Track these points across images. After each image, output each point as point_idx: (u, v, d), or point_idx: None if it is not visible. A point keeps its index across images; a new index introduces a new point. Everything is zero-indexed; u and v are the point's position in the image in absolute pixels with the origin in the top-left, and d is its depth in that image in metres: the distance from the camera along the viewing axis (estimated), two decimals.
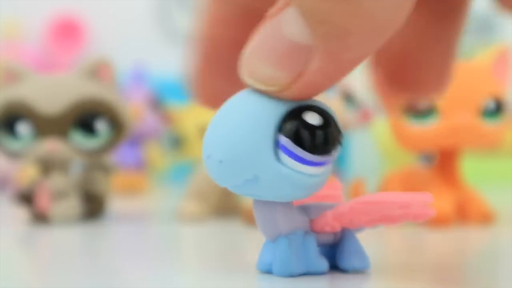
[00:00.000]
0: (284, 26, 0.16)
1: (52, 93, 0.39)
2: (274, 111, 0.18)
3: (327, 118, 0.18)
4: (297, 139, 0.18)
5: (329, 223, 0.20)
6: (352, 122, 0.48)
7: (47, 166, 0.40)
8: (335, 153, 0.19)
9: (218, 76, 0.20)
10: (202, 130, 0.54)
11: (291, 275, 0.21)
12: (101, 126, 0.39)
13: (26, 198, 0.40)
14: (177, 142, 0.66)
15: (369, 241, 0.35)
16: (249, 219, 0.37)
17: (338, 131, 0.19)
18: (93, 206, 0.42)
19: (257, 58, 0.17)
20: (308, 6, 0.15)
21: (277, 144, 0.18)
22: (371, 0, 0.15)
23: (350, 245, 0.21)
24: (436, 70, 0.19)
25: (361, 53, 0.16)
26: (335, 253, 0.22)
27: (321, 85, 0.17)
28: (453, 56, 0.19)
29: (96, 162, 0.43)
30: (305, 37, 0.16)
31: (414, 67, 0.19)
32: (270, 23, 0.16)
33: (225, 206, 0.42)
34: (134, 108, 0.61)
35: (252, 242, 0.33)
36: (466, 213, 0.37)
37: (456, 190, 0.38)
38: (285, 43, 0.16)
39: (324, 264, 0.21)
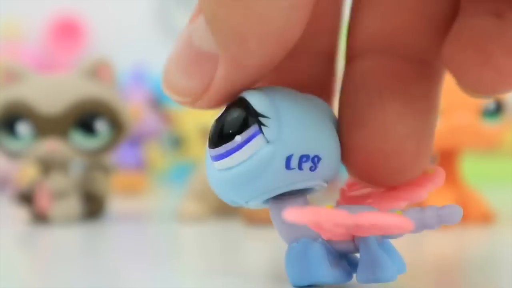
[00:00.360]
0: (193, 34, 0.16)
1: (52, 93, 0.39)
2: None
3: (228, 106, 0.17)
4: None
5: (331, 229, 0.18)
6: None
7: (47, 166, 0.40)
8: (247, 134, 0.17)
9: None
10: (202, 130, 0.54)
11: (297, 285, 0.19)
12: (101, 126, 0.39)
13: (26, 198, 0.40)
14: (177, 142, 0.66)
15: None
16: (249, 219, 0.37)
17: (243, 111, 0.16)
18: (93, 206, 0.42)
19: (172, 68, 0.16)
20: (209, 12, 0.15)
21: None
22: (263, 4, 0.14)
23: (364, 255, 0.18)
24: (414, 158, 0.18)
25: (263, 59, 0.16)
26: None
27: (229, 93, 0.16)
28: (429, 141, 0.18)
29: (96, 162, 0.43)
30: (211, 45, 0.16)
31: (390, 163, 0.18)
32: (184, 31, 0.16)
33: (225, 206, 0.42)
34: (134, 108, 0.61)
35: (252, 242, 0.33)
36: (466, 213, 0.37)
37: (456, 190, 0.38)
38: (194, 52, 0.16)
39: (334, 275, 0.19)
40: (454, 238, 0.33)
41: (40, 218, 0.39)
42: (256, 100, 0.16)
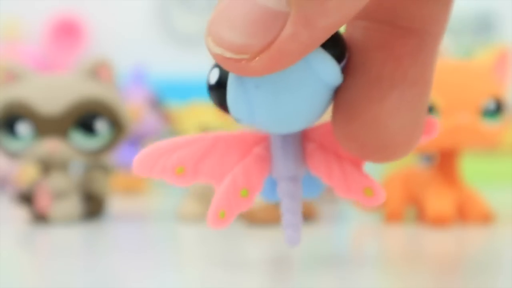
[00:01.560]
0: None
1: (52, 93, 0.39)
2: None
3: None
4: None
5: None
6: None
7: (47, 166, 0.40)
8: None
9: None
10: (202, 130, 0.54)
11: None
12: (101, 126, 0.39)
13: (26, 198, 0.40)
14: None
15: (369, 240, 0.35)
16: (249, 219, 0.37)
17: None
18: (93, 206, 0.42)
19: (226, 25, 0.16)
20: None
21: None
22: None
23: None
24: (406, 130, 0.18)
25: (337, 19, 0.15)
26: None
27: (293, 53, 0.15)
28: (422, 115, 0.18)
29: (96, 162, 0.43)
30: (279, 3, 0.15)
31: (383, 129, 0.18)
32: None
33: None
34: (134, 108, 0.61)
35: (252, 242, 0.33)
36: (466, 213, 0.37)
37: (456, 190, 0.38)
38: (257, 9, 0.15)
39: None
40: (454, 238, 0.33)
41: (40, 218, 0.39)
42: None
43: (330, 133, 0.19)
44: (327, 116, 0.19)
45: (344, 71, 0.18)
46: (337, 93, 0.18)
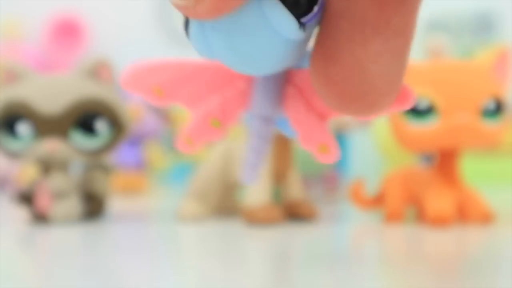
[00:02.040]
0: None
1: (52, 93, 0.39)
2: None
3: None
4: None
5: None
6: (352, 122, 0.48)
7: (47, 166, 0.40)
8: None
9: None
10: None
11: None
12: (101, 126, 0.39)
13: (26, 198, 0.40)
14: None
15: (369, 240, 0.35)
16: (249, 219, 0.37)
17: None
18: (93, 206, 0.42)
19: None
20: None
21: None
22: None
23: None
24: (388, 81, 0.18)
25: None
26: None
27: None
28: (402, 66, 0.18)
29: (96, 162, 0.43)
30: None
31: (365, 81, 0.18)
32: None
33: (225, 206, 0.42)
34: (134, 108, 0.61)
35: (252, 242, 0.33)
36: (466, 213, 0.37)
37: (456, 190, 0.38)
38: None
39: None
40: (454, 238, 0.33)
41: (40, 218, 0.39)
42: None
43: (309, 80, 0.19)
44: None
45: (325, 17, 0.18)
46: (319, 37, 0.18)
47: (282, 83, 0.20)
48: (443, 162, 0.38)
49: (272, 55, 0.17)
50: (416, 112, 0.37)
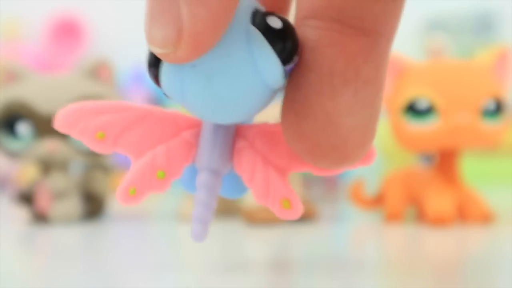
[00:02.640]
0: None
1: (52, 93, 0.39)
2: None
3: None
4: None
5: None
6: None
7: (47, 166, 0.40)
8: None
9: None
10: None
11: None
12: None
13: (26, 198, 0.40)
14: None
15: (369, 240, 0.35)
16: (249, 219, 0.37)
17: None
18: (93, 206, 0.42)
19: (147, 20, 0.16)
20: None
21: None
22: None
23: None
24: (360, 133, 0.18)
25: None
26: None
27: (207, 36, 0.15)
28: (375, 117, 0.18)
29: (96, 162, 0.43)
30: None
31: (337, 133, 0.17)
32: None
33: (225, 206, 0.42)
34: None
35: (251, 242, 0.33)
36: (466, 213, 0.37)
37: (456, 190, 0.38)
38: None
39: None
40: (454, 238, 0.33)
41: (40, 218, 0.39)
42: None
43: (264, 135, 0.19)
44: (261, 117, 0.19)
45: (294, 71, 0.17)
46: (288, 91, 0.17)
47: (231, 136, 0.19)
48: (443, 162, 0.38)
49: (249, 101, 0.17)
50: (416, 112, 0.37)
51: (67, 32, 0.94)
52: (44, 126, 0.39)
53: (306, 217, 0.39)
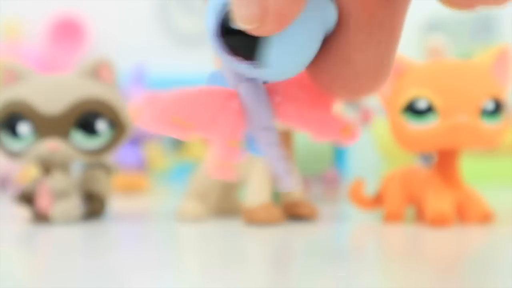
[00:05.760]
0: None
1: (53, 93, 0.39)
2: None
3: None
4: None
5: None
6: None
7: (48, 166, 0.40)
8: None
9: None
10: None
11: None
12: (101, 126, 0.39)
13: (27, 198, 0.40)
14: (177, 142, 0.66)
15: (369, 240, 0.35)
16: (249, 219, 0.37)
17: None
18: (93, 206, 0.42)
19: (236, 2, 0.17)
20: None
21: None
22: None
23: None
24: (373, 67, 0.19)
25: None
26: None
27: (290, 10, 0.17)
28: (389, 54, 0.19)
29: (96, 162, 0.43)
30: None
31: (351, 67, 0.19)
32: None
33: (225, 206, 0.42)
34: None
35: (252, 242, 0.33)
36: (465, 213, 0.37)
37: (455, 190, 0.38)
38: None
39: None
40: (454, 238, 0.33)
41: (41, 217, 0.39)
42: None
43: (292, 86, 0.20)
44: None
45: None
46: None
47: (266, 95, 0.21)
48: (443, 162, 0.38)
49: (313, 49, 0.18)
50: (416, 112, 0.37)
51: (68, 32, 0.95)
52: (45, 126, 0.39)
53: (306, 217, 0.39)
